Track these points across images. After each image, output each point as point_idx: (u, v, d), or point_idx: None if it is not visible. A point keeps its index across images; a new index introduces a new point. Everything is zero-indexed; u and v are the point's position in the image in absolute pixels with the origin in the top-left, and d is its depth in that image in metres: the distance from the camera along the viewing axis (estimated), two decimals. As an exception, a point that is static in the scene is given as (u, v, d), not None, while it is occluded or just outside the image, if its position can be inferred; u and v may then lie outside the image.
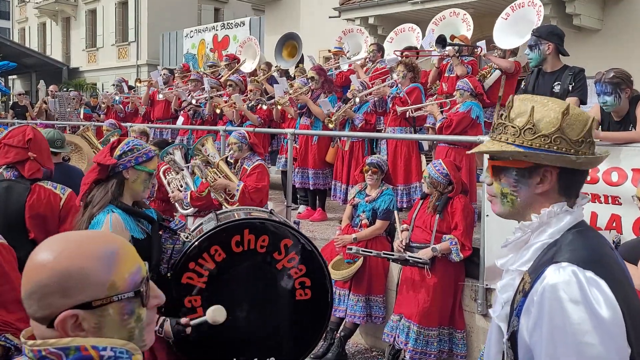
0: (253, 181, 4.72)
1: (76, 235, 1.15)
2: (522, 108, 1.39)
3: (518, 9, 6.65)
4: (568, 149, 1.34)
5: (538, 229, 1.40)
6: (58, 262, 1.04)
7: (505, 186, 1.43)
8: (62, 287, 1.03)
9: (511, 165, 1.40)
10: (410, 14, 10.17)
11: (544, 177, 1.38)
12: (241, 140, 4.95)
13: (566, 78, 4.41)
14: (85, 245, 1.08)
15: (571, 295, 1.25)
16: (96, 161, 2.56)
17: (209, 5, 25.16)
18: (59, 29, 29.43)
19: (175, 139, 8.48)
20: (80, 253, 1.06)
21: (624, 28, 9.22)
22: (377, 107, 6.40)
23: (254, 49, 9.61)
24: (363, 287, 4.79)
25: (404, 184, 5.99)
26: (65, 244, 1.08)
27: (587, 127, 1.35)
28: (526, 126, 1.36)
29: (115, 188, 2.52)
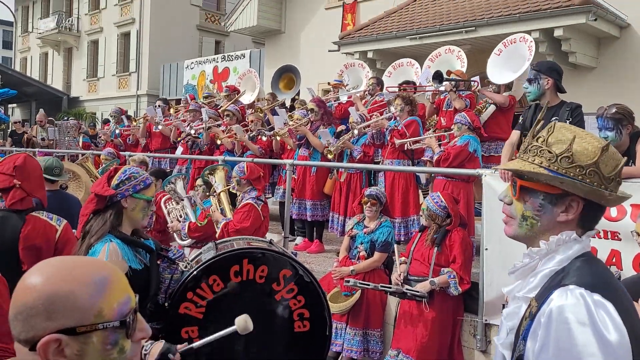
0: (236, 221, 4.70)
1: (69, 259, 1.13)
2: (562, 136, 1.40)
3: (510, 44, 6.79)
4: (599, 184, 1.36)
5: (546, 256, 1.40)
6: (46, 285, 1.02)
7: (529, 209, 1.43)
8: (48, 309, 1.01)
9: (541, 189, 1.41)
10: (408, 49, 10.34)
11: (570, 207, 1.39)
12: (238, 174, 4.97)
13: (564, 113, 4.45)
14: (76, 269, 1.06)
15: (578, 317, 1.24)
16: (94, 192, 2.54)
17: (210, 38, 25.55)
18: (60, 59, 29.78)
19: (174, 168, 8.49)
20: (71, 277, 1.04)
21: (618, 66, 9.38)
22: (375, 140, 6.44)
23: (253, 81, 9.71)
24: (360, 321, 4.73)
25: (401, 217, 5.98)
26: (57, 267, 1.06)
27: (619, 167, 1.38)
28: (564, 154, 1.37)
29: (113, 218, 2.50)
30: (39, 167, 3.20)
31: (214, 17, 25.86)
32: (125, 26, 25.38)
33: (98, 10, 27.07)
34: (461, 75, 7.04)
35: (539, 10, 8.85)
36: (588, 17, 8.47)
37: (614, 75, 9.37)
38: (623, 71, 9.31)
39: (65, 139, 12.02)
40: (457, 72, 7.12)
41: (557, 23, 8.71)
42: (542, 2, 9.07)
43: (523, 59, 6.42)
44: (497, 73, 6.69)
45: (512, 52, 6.70)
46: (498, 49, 6.87)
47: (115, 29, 25.91)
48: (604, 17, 8.85)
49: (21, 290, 1.04)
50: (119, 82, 26.00)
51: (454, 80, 6.56)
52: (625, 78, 9.22)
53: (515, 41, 6.75)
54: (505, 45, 6.85)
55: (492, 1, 10.00)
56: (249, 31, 15.94)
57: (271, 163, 7.52)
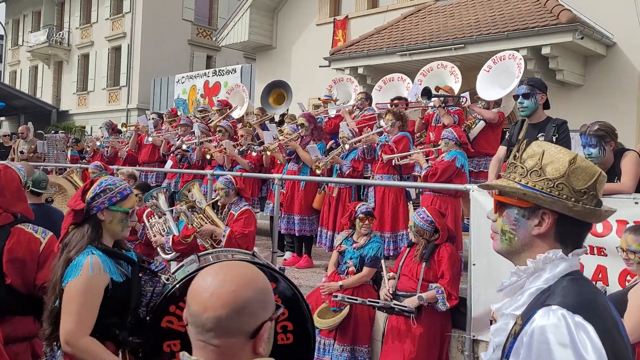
0: (240, 227, 4.68)
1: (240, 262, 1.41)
2: (532, 152, 1.46)
3: (499, 61, 6.86)
4: (569, 197, 1.38)
5: (533, 274, 1.42)
6: (260, 280, 1.28)
7: (505, 223, 1.48)
8: (265, 300, 1.26)
9: (514, 203, 1.45)
10: (398, 65, 10.42)
11: (542, 220, 1.42)
12: (228, 185, 4.95)
13: (550, 129, 4.48)
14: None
15: (559, 338, 1.26)
16: (69, 206, 2.51)
17: (202, 53, 25.63)
18: (50, 72, 29.71)
19: (162, 182, 8.44)
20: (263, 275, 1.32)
21: (605, 84, 9.51)
22: (366, 155, 6.45)
23: (241, 95, 9.72)
24: (348, 337, 4.68)
25: (390, 232, 5.97)
26: (244, 266, 1.33)
27: (592, 180, 1.40)
28: (534, 168, 1.42)
29: (91, 231, 2.47)
30: (16, 180, 3.05)
31: (206, 32, 25.96)
32: (116, 40, 25.41)
33: (89, 24, 27.09)
34: (449, 91, 7.09)
35: (526, 29, 8.98)
36: (575, 35, 8.60)
37: (600, 93, 9.49)
38: (609, 89, 9.43)
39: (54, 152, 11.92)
40: (445, 87, 7.17)
41: (545, 41, 8.83)
42: (530, 20, 9.20)
43: (512, 76, 6.49)
44: (486, 89, 6.75)
45: (501, 68, 6.77)
46: (487, 65, 6.94)
47: (106, 42, 25.92)
48: (590, 35, 8.99)
49: (241, 287, 1.23)
50: (109, 96, 25.95)
51: (443, 97, 6.61)
52: (611, 96, 9.35)
53: (505, 58, 6.83)
54: (495, 61, 6.93)
55: (480, 19, 10.12)
56: (240, 46, 16.02)
57: (260, 177, 7.51)
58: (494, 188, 1.52)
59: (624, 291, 3.11)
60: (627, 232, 3.15)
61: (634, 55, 9.19)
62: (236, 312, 1.21)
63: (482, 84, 6.83)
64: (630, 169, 3.84)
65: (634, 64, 9.25)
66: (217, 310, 1.20)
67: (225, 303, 1.20)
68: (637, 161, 3.89)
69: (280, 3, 15.16)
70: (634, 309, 2.90)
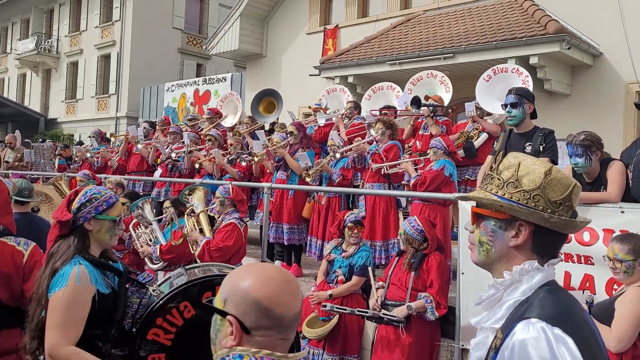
0: (218, 239, 4.63)
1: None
2: (509, 163, 1.46)
3: (500, 72, 6.85)
4: (545, 208, 1.39)
5: (510, 286, 1.43)
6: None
7: (483, 234, 1.48)
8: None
9: (491, 214, 1.46)
10: (388, 74, 10.47)
11: (519, 232, 1.42)
12: (224, 195, 4.94)
13: (537, 139, 4.51)
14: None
15: (539, 352, 1.26)
16: (54, 217, 2.48)
17: (192, 61, 25.60)
18: (39, 80, 29.52)
19: (151, 191, 8.39)
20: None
21: (592, 94, 9.61)
22: (356, 163, 6.45)
23: (235, 104, 9.71)
24: (337, 347, 4.66)
25: (382, 240, 5.96)
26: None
27: (567, 191, 1.40)
28: (510, 180, 1.43)
29: (77, 241, 2.44)
30: (4, 192, 3.00)
31: (196, 40, 25.94)
32: (105, 48, 25.31)
33: (78, 32, 26.98)
34: (439, 100, 7.11)
35: (515, 39, 9.06)
36: (562, 45, 8.69)
37: (587, 103, 9.58)
38: (596, 99, 9.53)
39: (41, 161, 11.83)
40: (434, 97, 7.20)
41: (533, 51, 8.91)
42: (518, 30, 9.29)
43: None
44: (487, 100, 6.72)
45: (501, 80, 6.74)
46: (487, 75, 6.93)
47: (95, 50, 25.81)
48: (577, 45, 9.08)
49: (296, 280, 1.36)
50: (98, 104, 25.81)
51: (432, 106, 6.62)
52: (598, 105, 9.44)
53: (507, 70, 6.82)
54: (495, 72, 6.92)
55: (469, 29, 10.21)
56: (230, 54, 16.03)
57: (249, 186, 7.48)
58: (472, 199, 1.51)
59: (611, 300, 3.12)
60: (613, 241, 3.17)
61: (621, 65, 9.29)
62: (301, 306, 1.35)
63: (481, 93, 6.82)
64: (616, 179, 3.86)
65: (620, 74, 9.35)
66: (298, 306, 1.31)
67: (300, 298, 1.32)
68: (622, 170, 3.92)
69: (270, 12, 15.20)
70: (620, 317, 2.92)
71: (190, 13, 25.95)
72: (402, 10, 12.67)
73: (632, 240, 3.09)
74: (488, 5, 10.97)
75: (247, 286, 1.29)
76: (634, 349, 2.93)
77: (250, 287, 1.29)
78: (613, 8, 9.21)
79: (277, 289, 1.29)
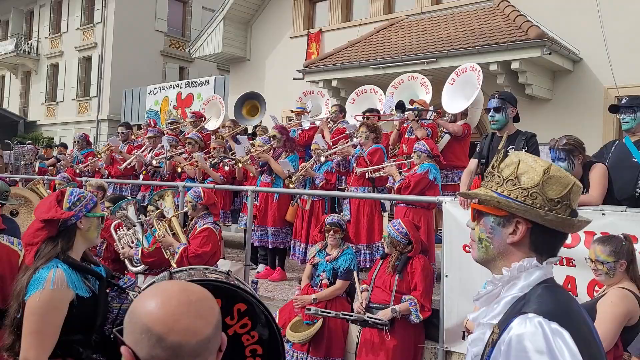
0: (195, 245, 4.59)
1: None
2: (510, 161, 1.49)
3: (462, 74, 6.97)
4: (542, 206, 1.40)
5: (509, 283, 1.44)
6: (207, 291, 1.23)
7: (482, 231, 1.50)
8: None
9: (490, 211, 1.47)
10: (372, 78, 10.50)
11: (516, 228, 1.44)
12: (195, 199, 4.87)
13: (519, 142, 4.56)
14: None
15: (536, 346, 1.27)
16: (46, 217, 2.41)
17: (174, 64, 25.44)
18: (18, 82, 29.09)
19: (137, 195, 8.30)
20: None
21: (572, 99, 9.74)
22: (340, 167, 6.45)
23: (218, 107, 9.65)
24: (322, 350, 4.64)
25: (366, 244, 5.97)
26: (184, 282, 1.27)
27: (566, 190, 1.42)
28: (509, 177, 1.45)
29: (63, 242, 2.40)
30: None
31: (179, 43, 25.78)
32: (86, 50, 25.02)
33: (59, 34, 26.64)
34: (423, 104, 7.16)
35: (496, 44, 9.15)
36: (543, 51, 8.80)
37: (567, 107, 9.71)
38: (576, 103, 9.66)
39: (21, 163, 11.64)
40: (419, 101, 7.24)
41: (514, 56, 9.02)
42: (500, 36, 9.39)
43: (473, 88, 6.60)
44: (450, 102, 6.85)
45: (465, 81, 6.88)
46: (451, 78, 7.05)
47: (76, 52, 25.51)
48: (558, 51, 9.21)
49: (211, 301, 1.17)
50: (79, 107, 25.49)
51: (417, 110, 6.66)
52: (578, 110, 9.57)
53: (466, 70, 6.95)
54: (458, 74, 7.04)
55: (452, 34, 10.29)
56: (213, 58, 15.95)
57: (233, 190, 7.44)
58: (471, 196, 1.54)
59: (593, 301, 3.15)
60: (595, 243, 3.20)
61: (600, 71, 9.44)
62: (217, 328, 1.15)
63: (447, 97, 6.93)
64: (597, 182, 3.92)
65: (600, 79, 9.50)
66: (205, 331, 1.10)
67: (210, 321, 1.12)
68: (604, 174, 3.97)
69: (254, 15, 15.16)
70: (602, 319, 2.94)
71: (173, 16, 25.78)
72: (386, 15, 12.73)
73: (613, 242, 3.12)
74: (470, 11, 11.08)
75: (140, 311, 1.11)
76: (615, 349, 2.96)
77: (142, 311, 1.10)
78: (592, 15, 9.36)
79: (174, 312, 1.09)
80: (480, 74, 6.64)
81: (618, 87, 8.96)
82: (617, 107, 4.41)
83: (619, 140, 4.49)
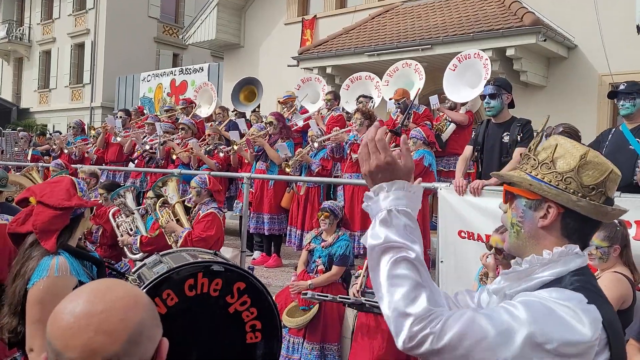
0: (199, 230, 4.63)
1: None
2: (547, 145, 1.46)
3: (464, 60, 6.95)
4: (576, 191, 1.38)
5: (545, 266, 1.39)
6: (140, 293, 1.04)
7: (514, 216, 1.48)
8: (156, 316, 1.02)
9: (522, 194, 1.45)
10: (367, 65, 10.47)
11: (547, 213, 1.41)
12: (200, 185, 4.90)
13: (514, 129, 4.57)
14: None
15: (559, 299, 1.26)
16: (72, 205, 2.37)
17: (168, 51, 25.25)
18: (10, 69, 28.82)
19: (127, 181, 8.29)
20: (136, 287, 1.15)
21: (566, 86, 9.76)
22: (334, 153, 6.46)
23: (209, 93, 9.62)
24: (317, 335, 4.68)
25: (361, 230, 6.00)
26: (116, 281, 1.10)
27: (603, 177, 1.39)
28: (545, 161, 1.43)
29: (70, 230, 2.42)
30: None
31: (172, 30, 25.58)
32: (79, 37, 24.79)
33: (51, 20, 26.37)
34: (404, 94, 7.02)
35: (491, 30, 9.14)
36: (538, 37, 8.80)
37: (562, 94, 9.73)
38: (570, 90, 9.68)
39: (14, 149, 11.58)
40: (399, 92, 7.07)
41: (509, 43, 9.01)
42: (495, 22, 9.38)
43: (479, 76, 6.58)
44: (454, 90, 6.81)
45: (467, 67, 6.87)
46: (453, 64, 7.03)
47: (69, 39, 25.27)
48: (552, 38, 9.21)
49: (129, 310, 0.99)
50: (72, 94, 25.31)
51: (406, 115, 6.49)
52: (572, 97, 9.60)
53: (470, 57, 6.93)
54: (460, 60, 7.02)
55: (447, 21, 10.27)
56: (207, 44, 15.85)
57: (228, 176, 7.44)
58: (505, 178, 1.51)
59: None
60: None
61: (594, 57, 9.45)
62: (133, 342, 0.95)
63: (449, 83, 6.92)
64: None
65: (594, 66, 9.52)
66: (110, 349, 0.93)
67: (117, 337, 0.94)
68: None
69: (248, 2, 15.05)
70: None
71: (166, 2, 25.56)
72: (381, 2, 12.67)
73: (607, 227, 3.16)
74: (465, -3, 11.06)
75: (51, 318, 0.99)
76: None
77: (51, 319, 0.98)
78: (587, 1, 9.35)
79: (71, 326, 0.94)
80: (488, 62, 6.61)
81: (612, 74, 8.98)
82: (615, 93, 4.39)
83: (616, 128, 4.51)
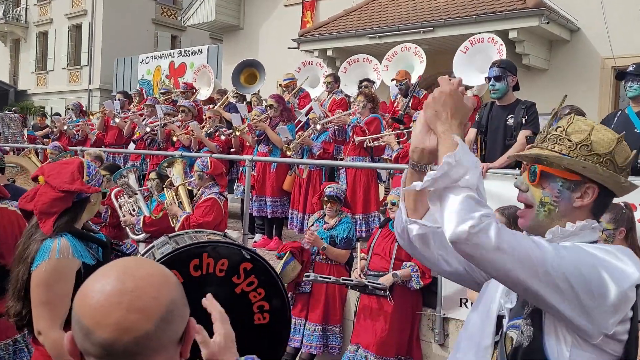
0: (197, 215, 4.60)
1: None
2: (579, 127, 1.47)
3: (477, 43, 6.88)
4: (614, 172, 1.43)
5: (567, 237, 1.44)
6: (168, 272, 1.04)
7: (547, 195, 1.48)
8: (184, 295, 1.03)
9: (560, 174, 1.46)
10: (368, 47, 10.39)
11: (585, 193, 1.45)
12: (202, 168, 4.87)
13: (519, 111, 4.55)
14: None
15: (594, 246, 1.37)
16: (71, 189, 2.35)
17: (166, 33, 25.03)
18: (7, 51, 28.57)
19: (127, 163, 8.26)
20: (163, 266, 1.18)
21: (568, 69, 9.71)
22: (336, 136, 6.43)
23: (208, 76, 9.56)
24: (319, 316, 4.70)
25: (362, 213, 5.99)
26: (144, 260, 1.15)
27: (630, 158, 1.46)
28: (583, 142, 1.44)
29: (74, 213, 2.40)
30: None
31: (170, 11, 25.32)
32: (76, 18, 24.54)
33: (48, 1, 26.07)
34: (405, 75, 7.00)
35: (494, 12, 9.06)
36: (541, 20, 8.73)
37: (564, 77, 9.68)
38: (572, 73, 9.63)
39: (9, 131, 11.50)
40: (401, 72, 7.06)
41: (512, 25, 8.94)
42: (498, 4, 9.29)
43: (490, 61, 6.52)
44: (465, 73, 6.75)
45: (479, 51, 6.79)
46: (464, 46, 6.95)
47: (66, 20, 25.02)
48: (555, 20, 9.14)
49: (161, 289, 0.99)
50: (70, 76, 25.13)
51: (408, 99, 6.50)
52: (574, 81, 9.55)
53: (482, 40, 6.85)
54: (472, 43, 6.95)
55: (449, 3, 10.17)
56: (206, 26, 15.68)
57: (230, 159, 7.41)
58: (549, 159, 1.47)
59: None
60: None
61: (597, 41, 9.39)
62: (166, 321, 0.95)
63: (459, 65, 6.85)
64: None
65: (597, 49, 9.46)
66: (143, 327, 0.92)
67: (150, 315, 0.93)
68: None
69: (247, -17, 14.89)
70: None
71: (164, -17, 25.29)
72: (382, -17, 12.53)
73: (613, 210, 3.15)
74: (468, -21, 10.93)
75: (78, 296, 0.96)
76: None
77: (78, 297, 0.96)
78: (591, -17, 9.27)
79: (103, 304, 0.92)
80: (503, 48, 6.55)
81: (615, 57, 8.93)
82: (623, 74, 4.36)
83: (621, 111, 4.48)
